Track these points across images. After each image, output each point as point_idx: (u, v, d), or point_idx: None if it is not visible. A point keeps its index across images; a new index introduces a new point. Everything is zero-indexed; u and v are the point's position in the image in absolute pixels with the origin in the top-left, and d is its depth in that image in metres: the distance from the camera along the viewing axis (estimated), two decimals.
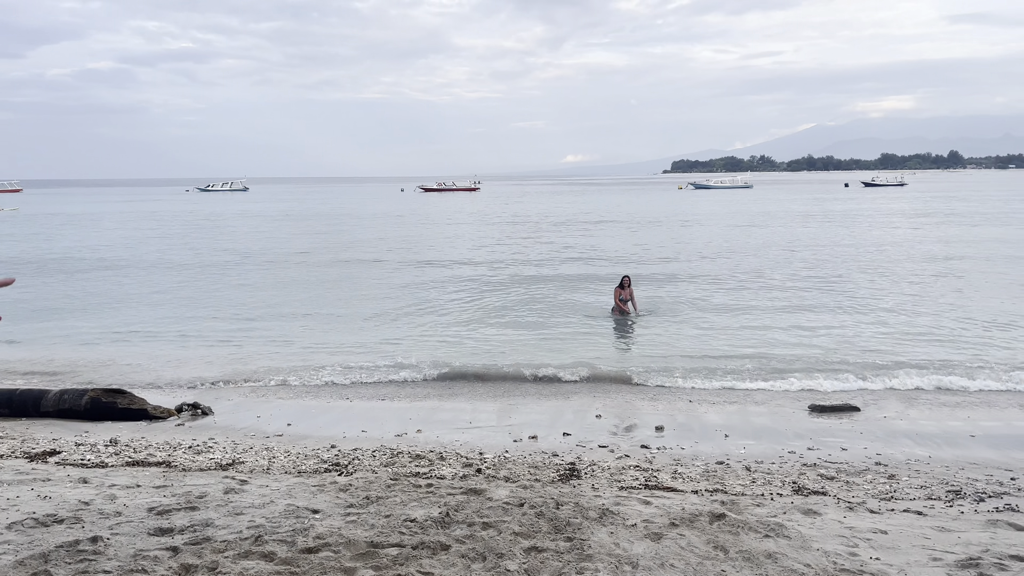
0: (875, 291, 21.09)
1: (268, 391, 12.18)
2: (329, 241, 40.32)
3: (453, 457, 8.31)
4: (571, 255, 31.60)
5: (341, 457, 8.29)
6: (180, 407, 10.81)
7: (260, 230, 49.16)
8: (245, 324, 17.79)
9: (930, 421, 10.22)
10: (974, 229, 41.23)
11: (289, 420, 10.35)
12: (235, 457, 8.29)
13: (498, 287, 22.99)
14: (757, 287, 22.17)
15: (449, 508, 6.04)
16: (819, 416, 10.50)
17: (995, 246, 32.26)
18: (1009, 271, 24.53)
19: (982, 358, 13.60)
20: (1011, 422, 10.16)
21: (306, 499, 6.37)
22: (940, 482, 7.50)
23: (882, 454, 8.70)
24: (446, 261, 30.19)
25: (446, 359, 14.04)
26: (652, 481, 7.38)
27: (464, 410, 10.93)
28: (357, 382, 12.67)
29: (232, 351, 15.10)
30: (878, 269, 25.55)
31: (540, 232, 44.11)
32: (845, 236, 38.35)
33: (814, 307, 18.81)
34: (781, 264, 27.39)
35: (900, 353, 14.04)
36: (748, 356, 14.01)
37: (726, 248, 33.34)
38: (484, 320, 17.91)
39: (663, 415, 10.51)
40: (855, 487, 7.28)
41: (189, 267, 29.14)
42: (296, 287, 23.62)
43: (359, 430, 9.81)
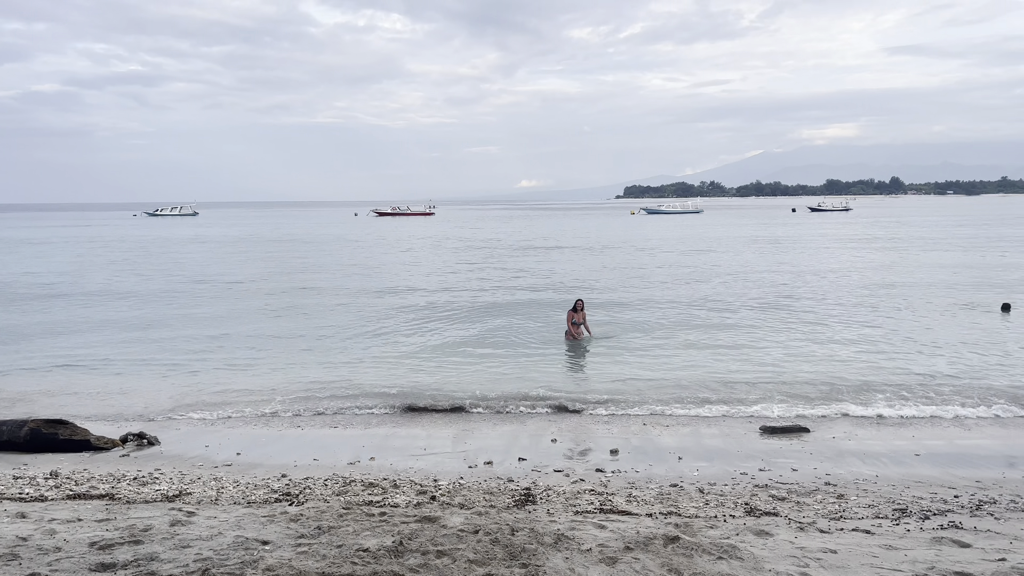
0: (824, 315, 21.55)
1: (217, 420, 11.92)
2: (280, 267, 39.82)
3: (407, 485, 8.22)
4: (525, 280, 31.70)
5: (292, 486, 8.13)
6: (125, 437, 10.50)
7: (209, 256, 48.35)
8: (194, 352, 17.42)
9: (877, 441, 10.44)
10: (917, 255, 42.52)
11: (239, 449, 10.14)
12: (182, 488, 8.07)
13: (452, 313, 22.93)
14: (709, 311, 22.49)
15: (403, 537, 5.96)
16: (770, 437, 10.65)
17: (936, 271, 33.29)
18: (950, 295, 25.30)
19: (926, 380, 13.97)
20: (953, 441, 10.43)
21: (256, 530, 6.23)
22: (887, 501, 7.65)
23: (831, 474, 8.85)
24: (399, 287, 30.02)
25: (400, 385, 13.92)
26: (607, 505, 7.39)
27: (419, 436, 10.83)
28: (309, 410, 12.48)
29: (181, 379, 14.76)
30: (827, 294, 26.14)
31: (494, 257, 44.21)
32: (795, 261, 39.20)
33: (764, 331, 19.14)
34: (732, 289, 27.85)
35: (848, 375, 14.34)
36: (700, 379, 14.17)
37: (678, 273, 33.81)
38: (438, 346, 17.82)
39: (618, 438, 10.56)
40: (806, 507, 7.39)
41: (136, 294, 28.48)
42: (246, 314, 23.23)
43: (311, 458, 9.65)
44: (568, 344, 17.58)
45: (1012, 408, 12.12)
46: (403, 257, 45.36)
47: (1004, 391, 13.06)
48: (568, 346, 17.44)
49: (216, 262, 42.89)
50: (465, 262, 41.01)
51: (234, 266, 40.17)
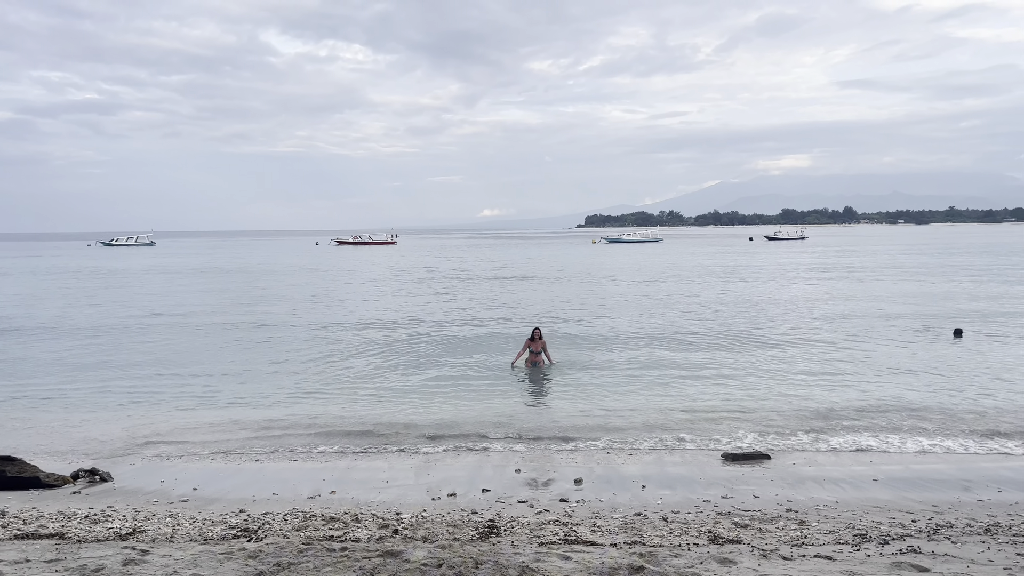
0: (782, 343, 21.88)
1: (173, 455, 11.62)
2: (237, 298, 39.24)
3: (369, 518, 8.09)
4: (488, 311, 31.67)
5: (250, 522, 7.94)
6: (76, 474, 10.19)
7: (164, 287, 47.50)
8: (149, 386, 17.02)
9: (836, 467, 10.57)
10: (872, 283, 43.49)
11: (195, 484, 9.89)
12: (136, 526, 7.83)
13: (413, 344, 22.79)
14: (671, 340, 22.68)
15: (365, 572, 5.86)
16: (732, 464, 10.72)
17: (890, 298, 34.07)
18: (904, 322, 25.87)
19: (883, 405, 14.22)
20: (909, 466, 10.60)
21: (212, 568, 6.06)
22: (847, 526, 7.73)
23: (792, 500, 8.93)
24: (360, 318, 29.79)
25: (361, 417, 13.77)
26: (572, 535, 7.35)
27: (380, 469, 10.68)
28: (269, 443, 12.22)
29: (135, 413, 14.39)
30: (785, 321, 26.56)
31: (456, 287, 44.15)
32: (754, 290, 39.81)
33: (725, 358, 19.35)
34: (693, 318, 28.15)
35: (807, 402, 14.54)
36: (663, 407, 14.25)
37: (640, 302, 34.08)
38: (400, 377, 17.67)
39: (581, 468, 10.53)
40: (768, 534, 7.43)
41: (89, 326, 27.81)
42: (202, 347, 22.81)
43: (270, 493, 9.45)
44: (531, 374, 17.56)
45: (967, 432, 12.38)
46: (364, 287, 45.06)
47: (958, 415, 13.36)
48: (531, 376, 17.41)
49: (171, 293, 42.13)
50: (427, 292, 40.88)
51: (190, 297, 39.50)
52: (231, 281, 51.81)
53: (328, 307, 33.51)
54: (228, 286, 47.18)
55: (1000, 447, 11.61)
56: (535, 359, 17.91)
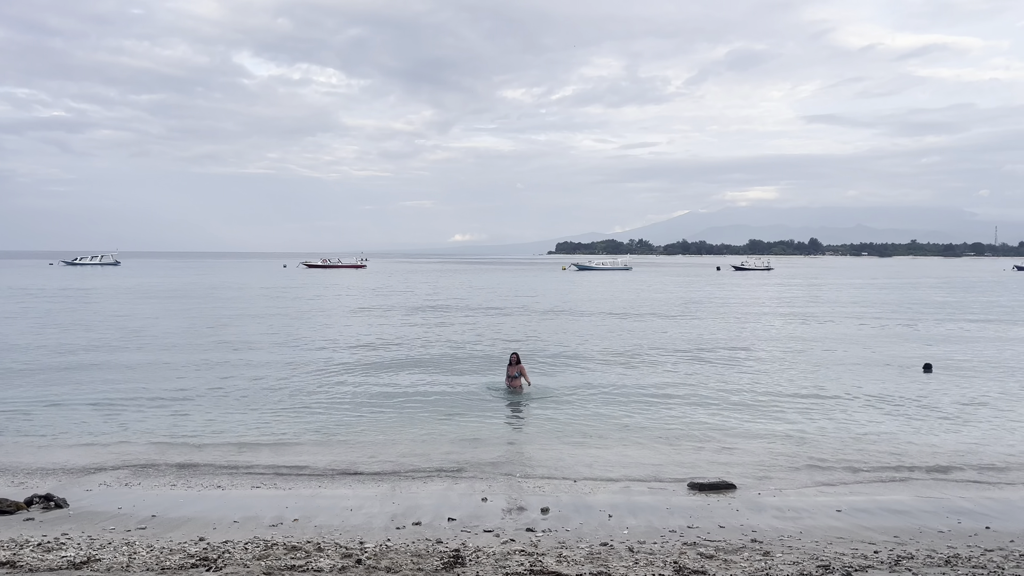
0: (750, 374, 22.07)
1: (132, 480, 11.35)
2: (200, 320, 38.71)
3: (331, 547, 7.96)
4: (458, 334, 31.58)
5: (210, 551, 7.78)
6: (31, 499, 9.91)
7: (128, 308, 46.72)
8: (108, 408, 16.65)
9: (800, 497, 10.64)
10: (840, 316, 44.13)
11: (154, 511, 9.67)
12: (91, 554, 7.63)
13: (381, 368, 22.63)
14: (640, 368, 22.78)
15: None
16: (698, 494, 10.74)
17: (858, 331, 34.60)
18: (873, 356, 26.26)
19: (849, 437, 14.38)
20: (872, 496, 10.71)
21: None
22: (811, 557, 7.78)
23: (757, 531, 8.96)
24: (328, 342, 29.52)
25: (327, 443, 13.61)
26: (537, 566, 7.30)
27: (345, 496, 10.53)
28: (230, 469, 12.01)
29: (94, 437, 14.06)
30: (754, 354, 26.81)
31: (428, 312, 43.99)
32: (722, 321, 40.18)
33: (694, 388, 19.46)
34: (662, 347, 28.31)
35: (775, 432, 14.66)
36: (631, 436, 14.27)
37: (609, 332, 34.21)
38: (367, 402, 17.51)
39: (548, 497, 10.49)
40: (733, 565, 7.44)
41: (47, 348, 27.22)
42: (165, 369, 22.41)
43: (231, 520, 9.26)
44: (501, 400, 17.52)
45: (929, 465, 12.55)
46: (332, 310, 44.70)
47: (923, 447, 13.55)
48: (501, 402, 17.36)
49: (133, 315, 41.42)
50: (397, 317, 40.67)
51: (153, 319, 38.87)
52: (196, 303, 51.10)
53: (295, 331, 33.17)
54: (193, 307, 46.52)
55: (961, 478, 11.78)
56: (513, 384, 17.99)
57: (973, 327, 35.20)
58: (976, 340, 30.06)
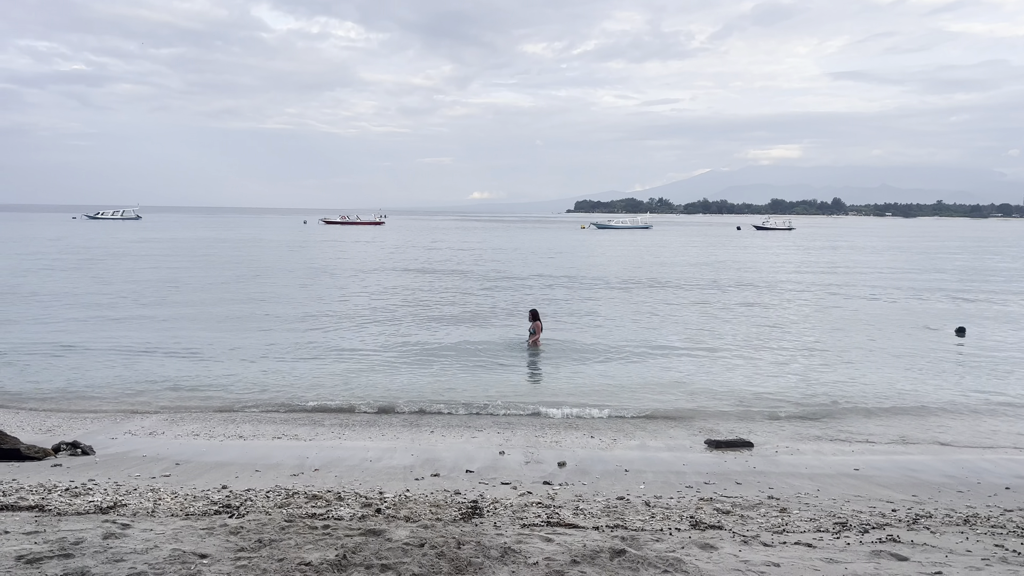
0: (770, 334, 21.96)
1: (157, 429, 11.57)
2: (225, 274, 39.02)
3: (352, 497, 8.07)
4: (476, 290, 31.62)
5: (232, 498, 7.91)
6: (58, 446, 10.12)
7: (151, 260, 47.15)
8: (134, 358, 16.91)
9: (818, 456, 10.64)
10: (870, 277, 43.72)
11: (178, 459, 9.85)
12: (117, 499, 7.79)
13: (401, 323, 22.75)
14: (659, 325, 22.74)
15: (346, 550, 5.84)
16: (715, 451, 10.77)
17: (891, 292, 34.27)
18: (906, 317, 26.03)
19: (871, 398, 14.32)
20: (890, 456, 10.69)
21: (194, 543, 6.03)
22: (828, 515, 7.78)
23: (774, 488, 8.98)
24: (350, 296, 29.69)
25: (347, 395, 13.75)
26: (554, 518, 7.36)
27: (365, 448, 10.67)
28: (253, 419, 12.19)
29: (119, 387, 14.31)
30: (774, 312, 26.66)
31: (449, 268, 44.04)
32: (746, 278, 39.92)
33: (714, 346, 19.41)
34: (683, 304, 28.22)
35: (791, 391, 14.62)
36: (649, 393, 14.29)
37: (630, 286, 34.11)
38: (386, 356, 17.64)
39: (565, 451, 10.56)
40: (749, 521, 7.46)
41: (74, 299, 27.58)
42: (190, 321, 22.68)
43: (253, 469, 9.41)
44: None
45: (952, 426, 12.49)
46: (353, 266, 44.88)
47: (946, 410, 13.47)
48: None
49: (159, 267, 41.82)
50: (416, 273, 40.77)
51: (178, 271, 39.23)
52: (219, 255, 51.48)
53: (318, 285, 33.37)
54: (215, 261, 46.87)
55: (984, 442, 11.71)
56: (533, 339, 18.20)
57: (1005, 294, 34.75)
58: (1009, 305, 29.69)
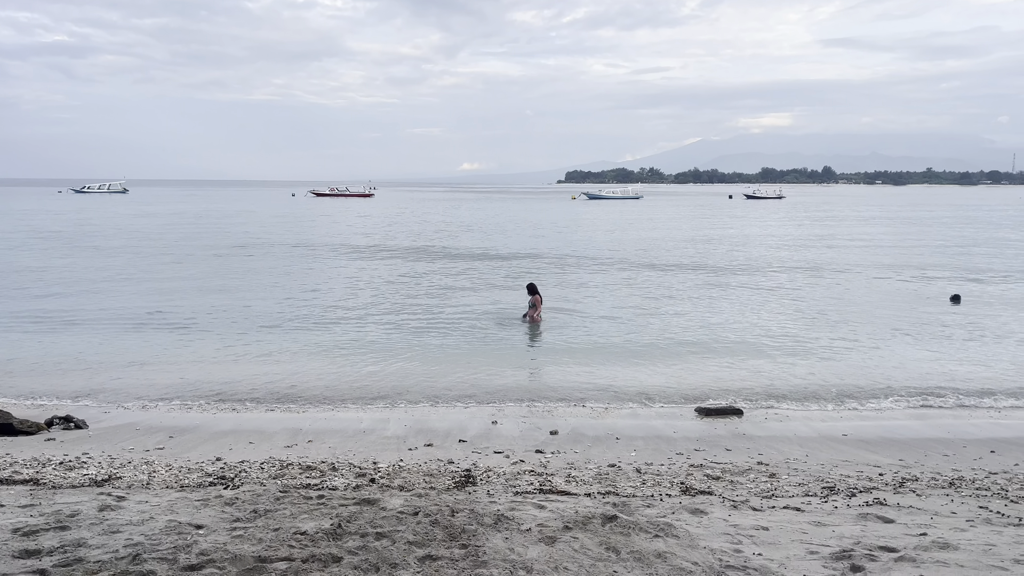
0: (764, 301, 22.08)
1: (149, 403, 11.58)
2: (219, 244, 38.82)
3: (345, 467, 8.14)
4: (470, 265, 31.61)
5: (227, 470, 7.96)
6: (51, 420, 10.14)
7: (139, 232, 46.83)
8: (126, 332, 16.88)
9: (807, 422, 10.77)
10: (862, 246, 43.89)
11: (171, 433, 9.88)
12: (111, 472, 7.83)
13: (395, 297, 22.75)
14: (650, 297, 22.81)
15: (341, 519, 5.90)
16: (705, 419, 10.88)
17: (882, 261, 34.43)
18: (900, 285, 26.19)
19: (860, 365, 14.45)
20: (878, 421, 10.83)
21: (189, 514, 6.08)
22: (816, 479, 7.90)
23: (763, 454, 9.09)
24: (341, 270, 29.63)
25: (339, 368, 13.78)
26: (547, 485, 7.45)
27: (358, 419, 10.72)
28: (247, 392, 12.19)
29: (111, 361, 14.28)
30: (763, 282, 26.77)
31: (438, 241, 43.95)
32: (737, 247, 40.01)
33: (703, 315, 19.51)
34: (674, 274, 28.30)
35: (781, 358, 14.73)
36: (639, 361, 14.38)
37: (621, 256, 34.16)
38: (377, 328, 17.65)
39: (557, 420, 10.65)
40: (739, 486, 7.57)
41: (66, 272, 27.42)
42: (182, 296, 22.60)
43: (247, 442, 9.46)
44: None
45: (939, 391, 12.63)
46: (344, 241, 44.72)
47: (933, 375, 13.61)
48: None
49: (151, 240, 41.55)
50: (408, 247, 40.68)
51: (170, 244, 38.99)
52: (210, 227, 51.17)
53: (310, 261, 33.27)
54: (207, 233, 46.59)
55: (976, 403, 11.86)
56: (532, 314, 17.98)
57: (994, 261, 34.97)
58: (1002, 272, 29.91)
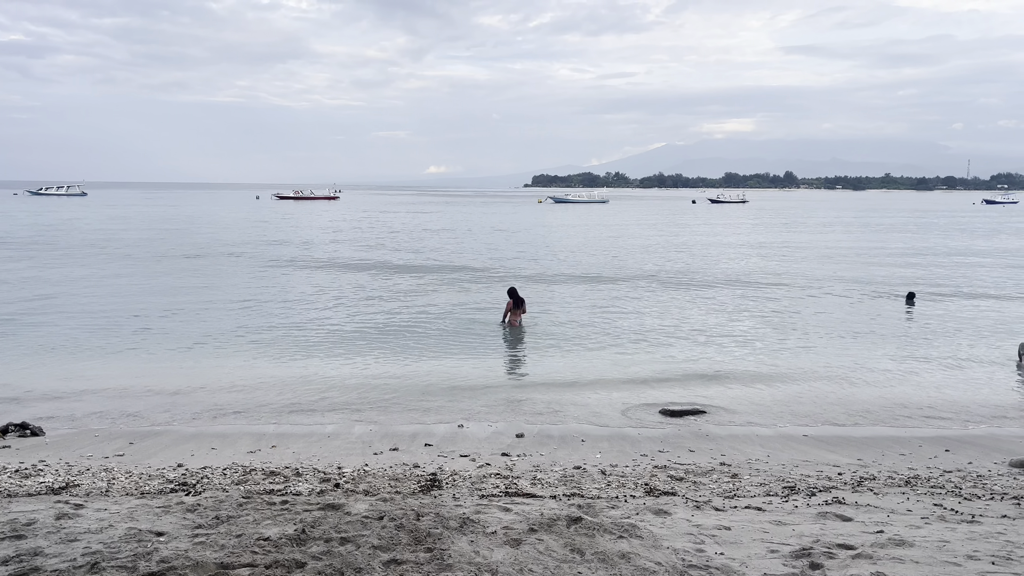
0: (727, 304, 22.35)
1: (110, 409, 11.35)
2: (179, 250, 38.24)
3: (310, 472, 8.08)
4: (441, 266, 31.55)
5: (189, 476, 7.86)
6: (6, 428, 9.91)
7: (98, 238, 45.93)
8: (87, 338, 16.54)
9: (769, 423, 10.93)
10: (820, 250, 44.60)
11: (132, 439, 9.72)
12: (69, 480, 7.68)
13: (365, 303, 22.61)
14: (620, 300, 22.97)
15: (305, 525, 5.85)
16: (670, 420, 10.99)
17: (839, 261, 35.04)
18: (855, 285, 26.66)
19: (823, 365, 14.70)
20: (836, 422, 11.03)
21: (150, 521, 5.99)
22: (777, 479, 8.03)
23: (726, 455, 9.21)
24: (309, 275, 29.38)
25: (305, 373, 13.67)
26: (512, 488, 7.46)
27: (323, 424, 10.65)
28: (209, 398, 12.01)
29: (68, 367, 14.00)
30: (731, 283, 27.10)
31: (407, 244, 43.79)
32: (698, 253, 40.45)
33: (668, 318, 19.70)
34: (638, 278, 28.52)
35: (743, 361, 14.93)
36: (606, 364, 14.48)
37: (589, 262, 34.34)
38: (344, 332, 17.54)
39: (524, 423, 10.68)
40: (702, 487, 7.67)
41: (25, 276, 26.80)
42: (146, 299, 22.22)
43: (209, 448, 9.34)
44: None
45: (895, 392, 12.89)
46: (311, 243, 44.35)
47: (891, 373, 13.89)
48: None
49: (103, 244, 40.77)
50: (377, 251, 40.47)
51: (127, 247, 38.30)
52: (169, 233, 50.36)
53: (276, 265, 32.93)
54: (166, 238, 45.86)
55: (927, 405, 12.12)
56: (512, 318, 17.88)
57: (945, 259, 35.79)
58: (955, 271, 30.61)
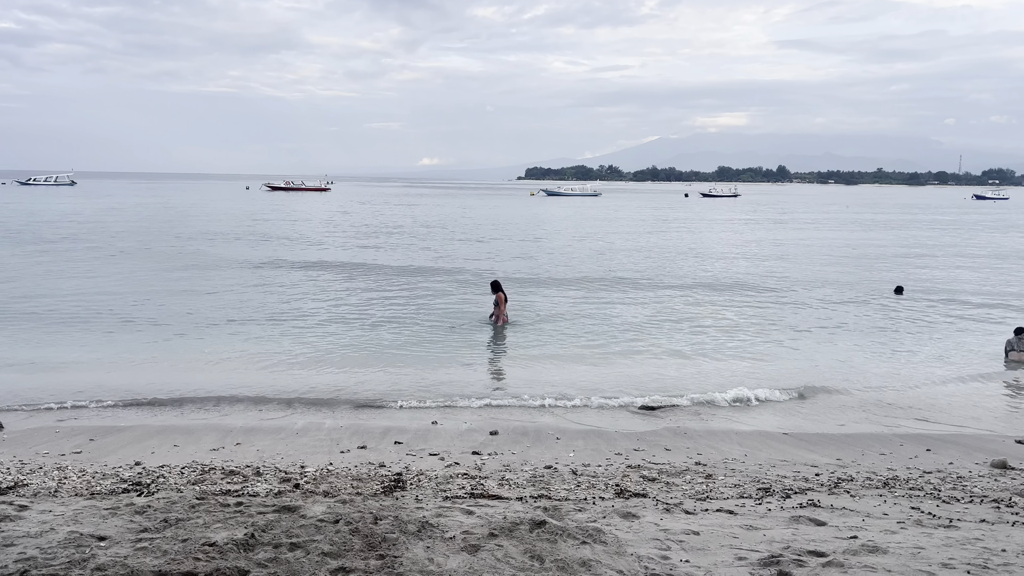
0: (707, 303, 22.16)
1: (73, 404, 11.04)
2: (162, 241, 37.84)
3: (271, 472, 7.81)
4: (430, 261, 31.27)
5: (144, 475, 7.59)
6: None
7: (85, 229, 45.45)
8: (51, 331, 16.20)
9: (748, 422, 10.72)
10: (808, 245, 44.49)
11: (93, 435, 9.44)
12: (19, 479, 7.40)
13: (347, 297, 22.34)
14: (602, 297, 22.76)
15: (256, 528, 5.59)
16: (648, 417, 10.77)
17: (827, 259, 34.90)
18: (843, 281, 26.52)
19: (807, 362, 14.53)
20: (818, 421, 10.82)
21: (94, 524, 5.72)
22: (752, 480, 7.80)
23: (703, 453, 8.99)
24: (291, 267, 29.07)
25: (277, 369, 13.41)
26: (478, 489, 7.22)
27: (292, 420, 10.39)
28: (175, 395, 11.66)
29: (35, 360, 13.68)
30: (716, 277, 26.92)
31: (393, 239, 43.48)
32: (685, 248, 40.29)
33: (649, 315, 19.49)
34: (621, 277, 28.32)
35: (725, 358, 14.74)
36: (586, 361, 14.26)
37: (577, 258, 34.12)
38: (325, 327, 17.27)
39: (499, 420, 10.44)
40: (674, 488, 7.44)
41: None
42: (121, 292, 21.87)
43: (171, 445, 9.07)
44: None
45: (879, 389, 12.71)
46: (295, 235, 43.98)
47: (875, 371, 13.71)
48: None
49: (88, 237, 40.31)
50: (364, 243, 40.15)
51: (108, 240, 37.87)
52: (156, 224, 49.87)
53: (258, 256, 32.59)
54: (152, 229, 45.39)
55: (911, 403, 11.95)
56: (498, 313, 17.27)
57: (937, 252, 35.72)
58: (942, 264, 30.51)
